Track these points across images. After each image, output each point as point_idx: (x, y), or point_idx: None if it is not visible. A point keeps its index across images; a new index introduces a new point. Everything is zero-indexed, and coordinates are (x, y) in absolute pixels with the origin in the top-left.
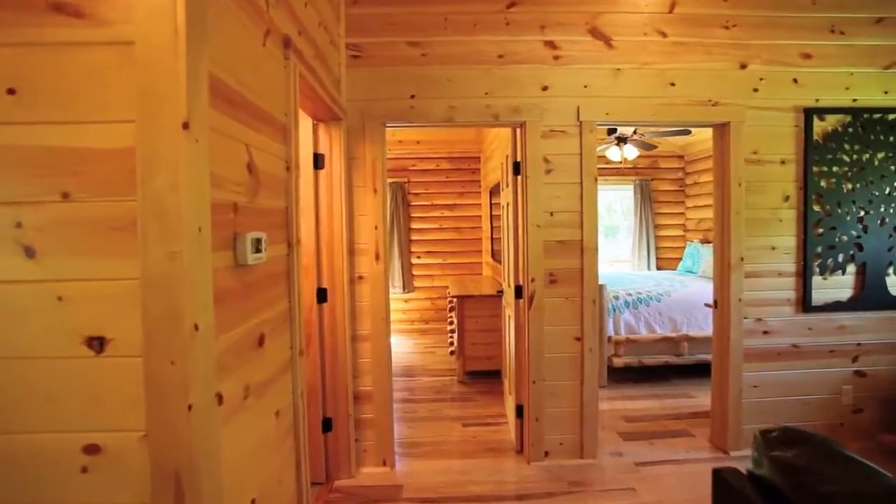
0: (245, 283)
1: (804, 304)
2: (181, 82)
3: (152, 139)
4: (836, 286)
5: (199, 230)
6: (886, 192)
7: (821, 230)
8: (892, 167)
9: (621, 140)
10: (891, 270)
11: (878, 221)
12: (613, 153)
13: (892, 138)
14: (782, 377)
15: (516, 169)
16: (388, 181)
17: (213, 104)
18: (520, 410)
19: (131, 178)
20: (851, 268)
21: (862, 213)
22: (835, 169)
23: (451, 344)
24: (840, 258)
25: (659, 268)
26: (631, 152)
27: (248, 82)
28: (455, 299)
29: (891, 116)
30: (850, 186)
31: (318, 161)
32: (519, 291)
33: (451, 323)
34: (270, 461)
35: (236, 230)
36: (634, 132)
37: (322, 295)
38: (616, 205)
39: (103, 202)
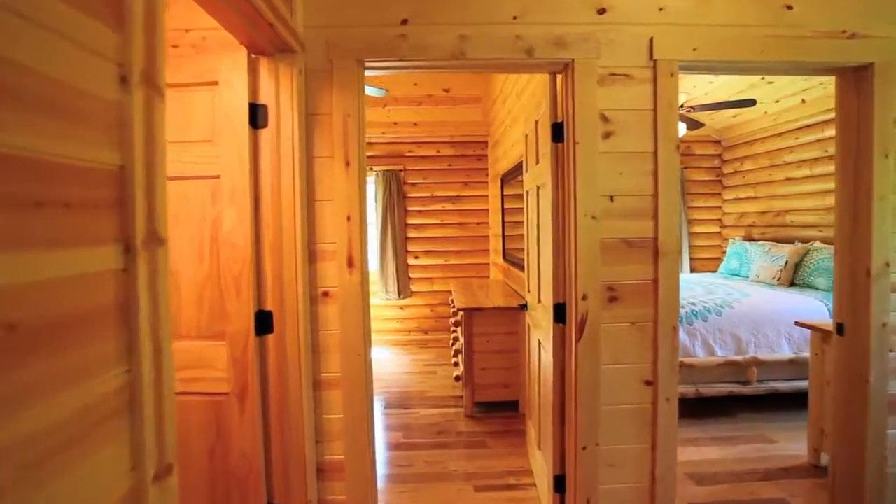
0: None
1: None
2: None
3: None
4: None
5: None
6: None
7: None
8: None
9: None
10: None
11: None
12: None
13: None
14: None
15: (557, 134)
16: (381, 169)
17: None
18: (559, 483)
19: None
20: None
21: None
22: None
23: (456, 364)
24: None
25: (692, 269)
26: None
27: None
28: (461, 313)
29: None
30: None
31: (258, 115)
32: (560, 312)
33: (456, 340)
34: None
35: None
36: (682, 105)
37: (265, 322)
38: None
39: None
